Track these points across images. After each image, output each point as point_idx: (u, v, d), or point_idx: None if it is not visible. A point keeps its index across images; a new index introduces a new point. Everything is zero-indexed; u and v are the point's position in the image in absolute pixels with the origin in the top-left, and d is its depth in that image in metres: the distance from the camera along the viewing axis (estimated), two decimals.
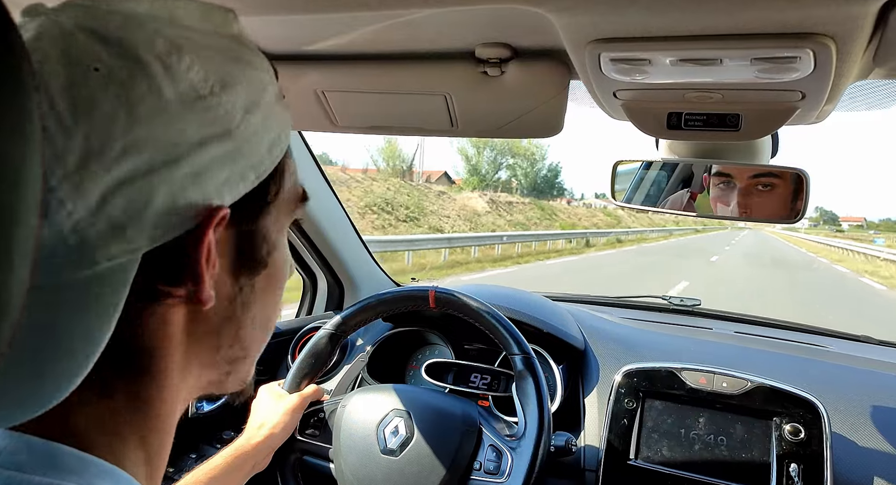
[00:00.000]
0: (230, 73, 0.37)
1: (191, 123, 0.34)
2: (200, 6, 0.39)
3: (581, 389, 1.27)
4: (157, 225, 0.33)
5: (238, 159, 0.37)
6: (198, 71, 0.35)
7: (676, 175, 1.07)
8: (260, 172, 0.39)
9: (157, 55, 0.34)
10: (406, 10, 0.60)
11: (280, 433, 0.98)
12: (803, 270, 19.31)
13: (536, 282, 10.68)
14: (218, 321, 0.40)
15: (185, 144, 0.34)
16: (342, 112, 0.95)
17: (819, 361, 1.32)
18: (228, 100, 0.36)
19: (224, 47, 0.38)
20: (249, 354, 0.44)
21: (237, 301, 0.41)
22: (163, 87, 0.33)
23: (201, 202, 0.35)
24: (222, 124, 0.36)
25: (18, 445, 0.33)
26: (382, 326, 1.44)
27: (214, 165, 0.35)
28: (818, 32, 0.55)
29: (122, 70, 0.33)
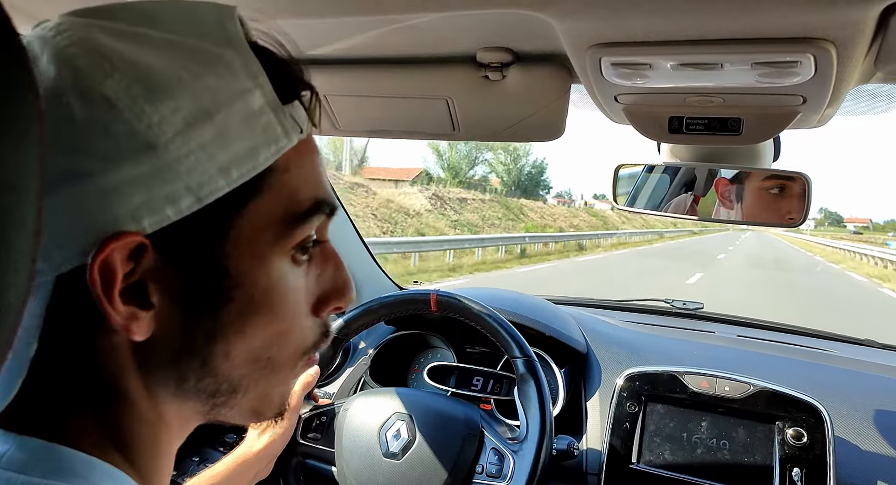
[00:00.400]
0: (172, 80, 0.33)
1: (100, 138, 0.32)
2: (190, 6, 0.37)
3: (583, 392, 1.27)
4: (60, 249, 0.32)
5: (165, 180, 0.33)
6: (120, 79, 0.32)
7: (679, 179, 1.07)
8: (203, 195, 0.34)
9: (73, 66, 0.32)
10: (408, 15, 0.61)
11: (280, 439, 0.98)
12: (815, 281, 16.39)
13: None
14: (173, 352, 0.37)
15: (92, 159, 0.31)
16: (344, 116, 0.95)
17: (822, 365, 1.32)
18: (156, 111, 0.33)
19: (188, 50, 0.35)
20: (240, 389, 0.40)
21: (195, 332, 0.37)
22: (68, 99, 0.32)
23: (110, 227, 0.32)
24: (143, 139, 0.32)
25: (22, 447, 0.33)
26: (385, 330, 1.44)
27: (128, 186, 0.32)
28: (819, 37, 0.55)
29: (42, 81, 0.32)
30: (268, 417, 0.43)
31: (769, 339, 1.52)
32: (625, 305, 1.82)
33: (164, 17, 0.35)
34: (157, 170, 0.32)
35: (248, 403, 0.41)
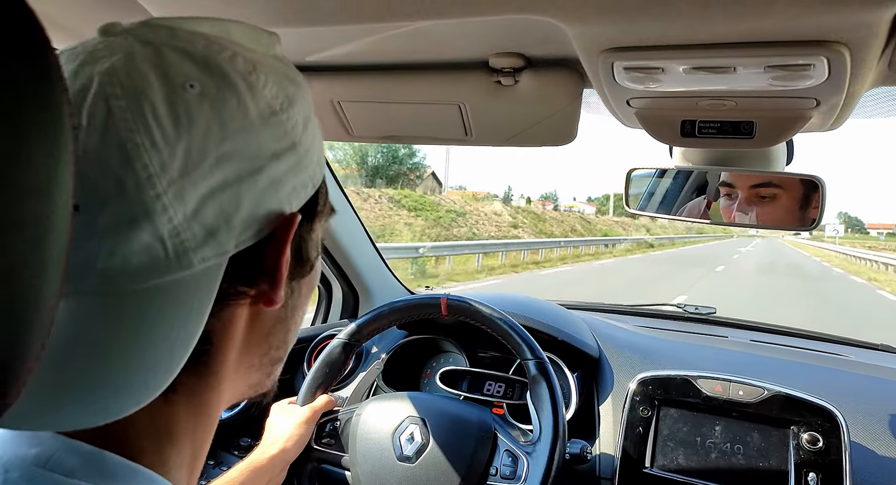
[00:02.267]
0: (291, 91, 0.39)
1: (268, 137, 0.37)
2: (249, 28, 0.41)
3: (596, 397, 1.27)
4: (243, 230, 0.36)
5: (300, 170, 0.39)
6: (271, 88, 0.38)
7: (691, 183, 1.07)
8: (315, 182, 0.41)
9: (240, 73, 0.36)
10: (420, 21, 0.61)
11: (294, 447, 0.98)
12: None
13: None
14: (272, 322, 0.43)
15: (264, 156, 0.37)
16: (357, 122, 0.96)
17: (837, 369, 1.31)
18: (294, 115, 0.39)
19: (277, 67, 0.40)
20: (285, 356, 0.46)
21: (289, 303, 0.43)
22: (248, 104, 0.36)
23: (277, 210, 0.38)
24: (290, 138, 0.38)
25: (69, 449, 0.34)
26: (397, 334, 1.44)
27: (285, 176, 0.38)
28: (832, 40, 0.55)
29: (214, 87, 0.35)
30: (273, 386, 0.48)
31: (783, 343, 1.51)
32: (637, 309, 1.81)
33: (239, 37, 0.40)
34: (297, 162, 0.39)
35: (278, 371, 0.47)
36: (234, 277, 0.37)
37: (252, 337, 0.41)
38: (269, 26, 0.67)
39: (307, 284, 0.45)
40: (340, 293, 1.72)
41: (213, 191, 0.34)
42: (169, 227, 0.33)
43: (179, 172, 0.33)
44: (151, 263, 0.33)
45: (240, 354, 0.41)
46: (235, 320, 0.39)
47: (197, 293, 0.35)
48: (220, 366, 0.40)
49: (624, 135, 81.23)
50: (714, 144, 0.84)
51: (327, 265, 1.63)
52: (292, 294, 0.43)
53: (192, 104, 0.34)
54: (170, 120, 0.33)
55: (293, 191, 0.39)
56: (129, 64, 0.34)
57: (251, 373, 0.44)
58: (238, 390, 0.44)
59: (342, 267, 1.64)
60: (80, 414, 0.33)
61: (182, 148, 0.33)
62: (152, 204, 0.32)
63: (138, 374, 0.33)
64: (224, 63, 0.36)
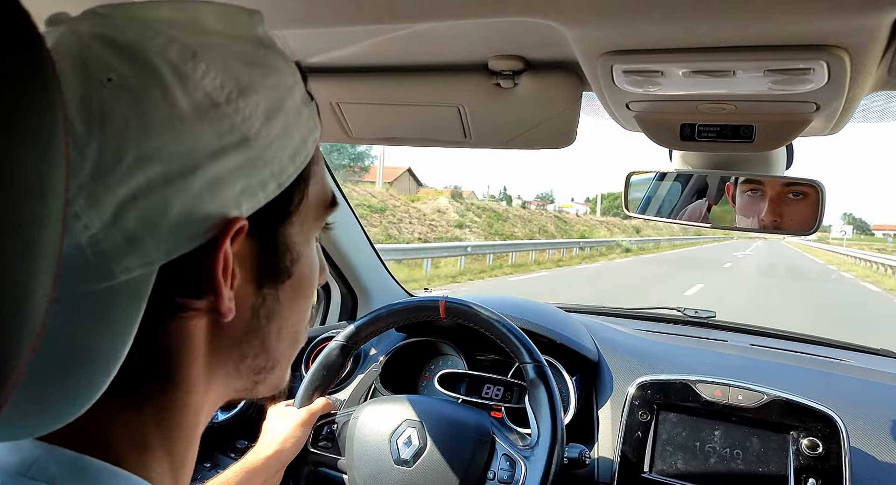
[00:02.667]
0: (250, 79, 0.36)
1: (205, 133, 0.33)
2: (224, 8, 0.38)
3: (595, 401, 1.26)
4: (172, 238, 0.33)
5: (257, 168, 0.36)
6: (214, 77, 0.34)
7: (691, 186, 1.07)
8: (282, 181, 0.37)
9: (171, 63, 0.33)
10: (420, 23, 0.61)
11: (290, 448, 0.98)
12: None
13: None
14: (241, 332, 0.39)
15: (200, 154, 0.33)
16: (356, 123, 0.95)
17: (837, 374, 1.31)
18: (246, 106, 0.35)
19: (245, 51, 0.37)
20: (278, 364, 0.43)
21: (261, 312, 0.40)
22: (176, 97, 0.33)
23: (217, 213, 0.34)
24: (240, 132, 0.35)
25: (50, 456, 0.33)
26: (395, 337, 1.44)
27: (231, 176, 0.34)
28: (832, 44, 0.55)
29: (135, 79, 0.32)
30: (280, 390, 0.46)
31: (783, 348, 1.50)
32: (636, 313, 1.81)
33: (210, 20, 0.37)
34: (251, 159, 0.35)
35: (275, 378, 0.44)
36: (176, 287, 0.34)
37: (218, 347, 0.39)
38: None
39: (290, 291, 0.41)
40: (339, 295, 1.72)
41: (134, 194, 0.31)
42: (86, 235, 0.31)
43: (91, 176, 0.30)
44: (73, 272, 0.31)
45: (208, 364, 0.39)
46: (191, 332, 0.37)
47: (120, 305, 0.32)
48: (186, 379, 0.37)
49: (620, 136, 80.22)
50: (713, 148, 0.83)
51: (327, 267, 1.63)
52: (264, 302, 0.40)
53: (107, 99, 0.31)
54: (80, 118, 0.31)
55: (244, 191, 0.35)
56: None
57: (231, 381, 0.41)
58: (222, 395, 0.42)
59: (340, 269, 1.63)
60: (18, 425, 0.32)
61: (93, 149, 0.31)
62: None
63: (64, 387, 0.32)
64: (152, 51, 0.33)
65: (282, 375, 0.45)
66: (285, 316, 0.42)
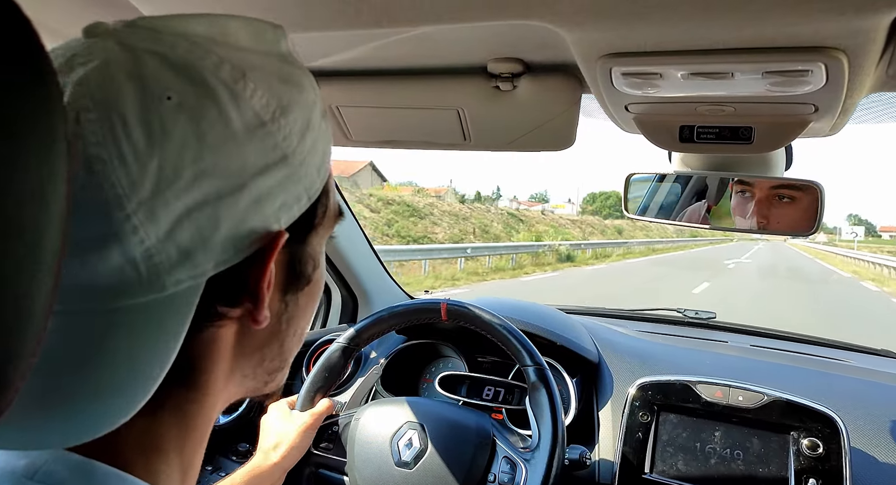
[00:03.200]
0: (287, 97, 0.37)
1: (254, 151, 0.34)
2: (252, 24, 0.38)
3: (595, 402, 1.26)
4: (221, 251, 0.34)
5: (293, 183, 0.37)
6: (261, 97, 0.35)
7: (690, 187, 1.07)
8: (311, 194, 0.39)
9: (224, 82, 0.34)
10: (419, 27, 0.61)
11: (295, 453, 0.98)
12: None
13: None
14: (264, 337, 0.41)
15: (249, 172, 0.34)
16: (356, 127, 0.96)
17: (838, 375, 1.31)
18: (287, 125, 0.36)
19: (277, 69, 0.38)
20: (287, 363, 0.45)
21: (283, 317, 0.41)
22: (230, 115, 0.34)
23: (261, 227, 0.35)
24: (281, 150, 0.36)
25: (57, 460, 0.34)
26: (396, 339, 1.44)
27: (273, 191, 0.36)
28: (830, 46, 0.55)
29: (193, 98, 0.33)
30: (280, 387, 0.47)
31: (783, 348, 1.50)
32: (636, 314, 1.81)
33: (240, 36, 0.37)
34: (289, 176, 0.36)
35: (281, 376, 0.45)
36: (215, 297, 0.35)
37: (242, 353, 0.40)
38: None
39: (306, 296, 0.43)
40: (339, 298, 1.72)
41: (189, 210, 0.32)
42: (141, 249, 0.31)
43: (151, 191, 0.31)
44: (121, 285, 0.31)
45: (229, 368, 0.40)
46: (221, 340, 0.38)
47: (170, 316, 0.33)
48: (209, 382, 0.38)
49: (614, 137, 77.97)
50: (712, 150, 0.84)
51: (327, 270, 1.63)
52: (287, 308, 0.42)
53: (168, 117, 0.32)
54: (142, 135, 0.31)
55: (282, 206, 0.37)
56: (103, 73, 0.32)
57: (245, 382, 0.43)
58: (232, 398, 0.43)
59: (341, 272, 1.64)
60: (48, 434, 0.32)
61: (155, 164, 0.31)
62: (121, 225, 0.31)
63: (108, 396, 0.32)
64: (206, 71, 0.34)
65: (286, 372, 0.46)
66: (300, 319, 0.44)
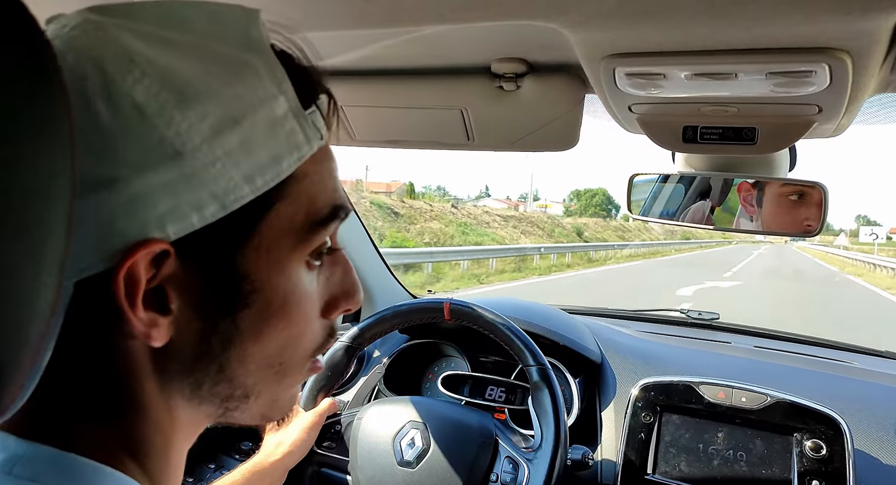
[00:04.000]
0: (200, 87, 0.33)
1: (128, 145, 0.31)
2: (218, 8, 0.35)
3: (598, 402, 1.26)
4: (83, 255, 0.31)
5: (192, 187, 0.32)
6: (149, 85, 0.31)
7: (694, 188, 1.07)
8: (228, 203, 0.34)
9: (102, 69, 0.31)
10: (423, 27, 0.61)
11: (297, 452, 0.98)
12: None
13: None
14: (189, 358, 0.36)
15: (120, 168, 0.31)
16: (360, 126, 0.96)
17: (841, 376, 1.30)
18: (185, 118, 0.32)
19: (213, 55, 0.34)
20: (253, 393, 0.40)
21: (213, 339, 0.36)
22: (97, 106, 0.31)
23: (136, 234, 0.32)
24: (171, 146, 0.32)
25: (34, 454, 0.33)
26: (399, 338, 1.44)
27: (154, 194, 0.32)
28: (833, 47, 0.55)
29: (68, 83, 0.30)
30: (274, 419, 0.43)
31: (786, 350, 1.50)
32: (639, 315, 1.81)
33: (192, 20, 0.35)
34: (183, 177, 0.32)
35: (258, 407, 0.41)
36: (100, 308, 0.33)
37: (169, 370, 0.36)
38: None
39: (253, 319, 0.37)
40: None
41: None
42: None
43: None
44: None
45: (161, 387, 0.37)
46: (132, 354, 0.35)
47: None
48: (143, 400, 0.36)
49: (618, 136, 74.52)
50: (716, 150, 0.84)
51: None
52: (216, 329, 0.36)
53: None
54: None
55: (171, 212, 0.32)
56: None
57: (199, 405, 0.39)
58: (198, 419, 0.40)
59: None
60: None
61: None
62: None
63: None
64: (89, 57, 0.31)
65: (267, 404, 0.41)
66: (252, 345, 0.38)
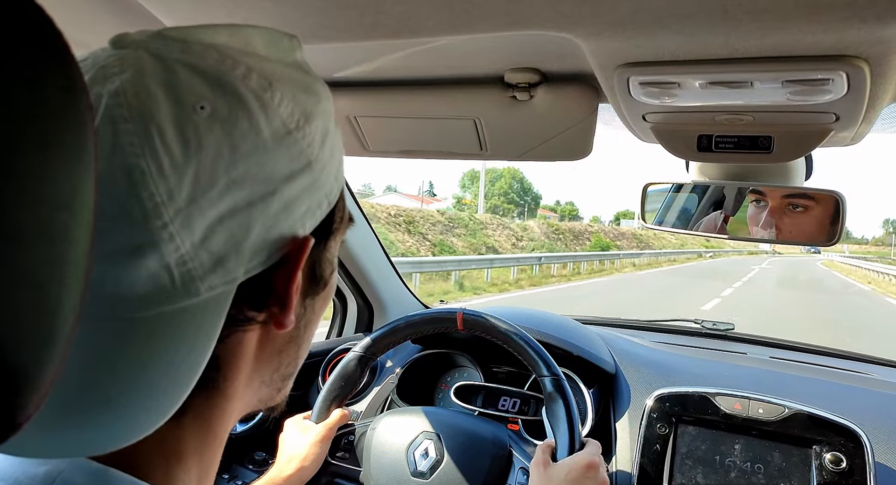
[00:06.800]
0: (309, 106, 0.38)
1: (282, 158, 0.35)
2: (268, 34, 0.39)
3: (612, 413, 1.25)
4: (252, 257, 0.35)
5: (316, 189, 0.38)
6: (286, 106, 0.36)
7: (708, 197, 1.07)
8: (331, 199, 0.40)
9: (253, 92, 0.35)
10: (437, 37, 0.62)
11: (310, 466, 0.98)
12: None
13: None
14: (284, 342, 0.42)
15: (278, 179, 0.35)
16: (374, 137, 0.96)
17: (861, 388, 1.28)
18: (310, 132, 0.37)
19: (297, 78, 0.38)
20: (297, 369, 0.45)
21: (302, 322, 0.42)
22: (260, 124, 0.34)
23: (289, 233, 0.36)
24: (306, 157, 0.37)
25: (75, 469, 0.34)
26: (411, 349, 1.44)
27: (299, 198, 0.37)
28: (851, 55, 0.54)
29: (225, 107, 0.33)
30: (285, 400, 0.47)
31: (803, 361, 1.48)
32: (654, 325, 1.79)
33: (258, 44, 0.38)
34: (312, 182, 0.37)
35: (289, 385, 0.46)
36: (243, 302, 0.36)
37: (263, 357, 0.40)
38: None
39: (321, 300, 0.44)
40: (355, 306, 1.73)
41: (222, 217, 0.33)
42: (176, 256, 0.32)
43: (187, 200, 0.32)
44: (157, 291, 0.32)
45: (250, 373, 0.40)
46: (245, 344, 0.38)
47: (204, 321, 0.34)
48: (230, 387, 0.39)
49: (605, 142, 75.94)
50: (731, 159, 0.83)
51: (342, 278, 1.64)
52: (305, 312, 0.42)
53: (202, 127, 0.33)
54: (178, 145, 0.32)
55: (307, 211, 0.38)
56: (138, 83, 0.33)
57: (262, 389, 0.43)
58: (248, 406, 0.43)
59: (357, 280, 1.64)
60: (82, 441, 0.33)
61: (191, 174, 0.32)
62: (158, 233, 0.31)
63: (144, 401, 0.33)
64: (237, 81, 0.35)
65: (290, 383, 0.46)
66: (315, 323, 0.45)
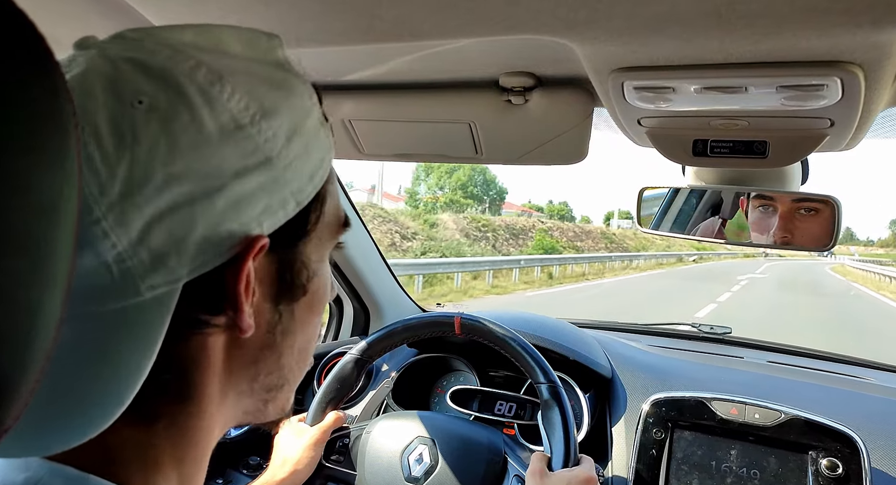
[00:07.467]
0: (272, 101, 0.37)
1: (231, 153, 0.34)
2: (246, 33, 0.39)
3: (608, 418, 1.25)
4: (197, 255, 0.34)
5: (278, 188, 0.37)
6: (239, 100, 0.35)
7: (704, 202, 1.06)
8: (301, 200, 0.38)
9: (198, 86, 0.34)
10: (432, 42, 0.62)
11: (304, 469, 0.98)
12: None
13: None
14: (257, 349, 0.40)
15: (225, 175, 0.34)
16: (369, 140, 0.96)
17: (857, 393, 1.28)
18: (269, 128, 0.36)
19: (267, 74, 0.38)
20: (288, 382, 0.44)
21: (277, 329, 0.41)
22: (203, 119, 0.34)
23: (240, 232, 0.35)
24: (263, 153, 0.36)
25: (54, 475, 0.34)
26: (408, 352, 1.43)
27: (254, 195, 0.35)
28: (845, 60, 0.54)
29: (164, 101, 0.33)
30: (285, 414, 0.46)
31: (801, 365, 1.48)
32: (650, 329, 1.79)
33: (231, 43, 0.38)
34: (272, 179, 0.36)
35: (282, 399, 0.44)
36: (196, 304, 0.35)
37: (234, 364, 0.39)
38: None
39: (304, 308, 0.42)
40: (351, 310, 1.72)
41: (161, 214, 0.32)
42: (113, 253, 0.31)
43: (120, 195, 0.31)
44: (98, 289, 0.31)
45: (223, 381, 0.39)
46: (210, 348, 0.37)
47: (147, 321, 0.33)
48: (202, 394, 0.38)
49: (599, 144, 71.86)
50: (726, 164, 0.83)
51: (338, 282, 1.63)
52: (281, 319, 0.41)
53: (139, 121, 0.32)
54: (111, 140, 0.31)
55: (265, 210, 0.36)
56: (80, 81, 0.33)
57: (242, 400, 0.42)
58: (231, 417, 0.42)
59: (353, 284, 1.64)
60: (35, 441, 0.32)
61: (123, 169, 0.31)
62: (91, 230, 0.31)
63: (90, 400, 0.32)
64: (181, 75, 0.34)
65: (289, 395, 0.45)
66: (298, 333, 0.42)
